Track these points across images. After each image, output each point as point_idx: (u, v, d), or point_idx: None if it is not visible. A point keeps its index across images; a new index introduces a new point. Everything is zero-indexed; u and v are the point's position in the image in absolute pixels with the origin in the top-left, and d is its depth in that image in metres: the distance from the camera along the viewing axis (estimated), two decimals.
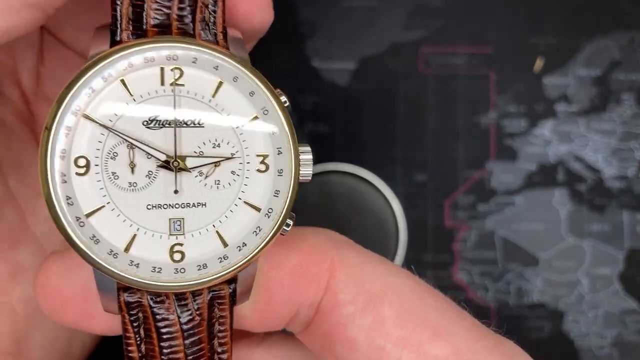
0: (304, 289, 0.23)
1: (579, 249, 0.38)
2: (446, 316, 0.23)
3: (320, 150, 0.38)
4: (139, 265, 0.21)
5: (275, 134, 0.22)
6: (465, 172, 0.38)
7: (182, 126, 0.22)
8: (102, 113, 0.21)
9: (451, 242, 0.38)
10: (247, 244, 0.22)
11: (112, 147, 0.21)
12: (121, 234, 0.21)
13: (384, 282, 0.23)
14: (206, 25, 0.22)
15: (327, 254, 0.23)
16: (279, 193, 0.22)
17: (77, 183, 0.21)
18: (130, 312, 0.22)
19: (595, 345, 0.37)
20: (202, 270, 0.21)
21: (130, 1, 0.21)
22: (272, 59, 0.38)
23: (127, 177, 0.21)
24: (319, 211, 0.35)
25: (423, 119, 0.38)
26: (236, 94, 0.22)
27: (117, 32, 0.21)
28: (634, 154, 0.38)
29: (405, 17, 0.38)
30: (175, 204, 0.22)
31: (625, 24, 0.38)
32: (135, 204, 0.21)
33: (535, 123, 0.38)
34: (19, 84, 0.28)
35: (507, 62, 0.38)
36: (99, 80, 0.21)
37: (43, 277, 0.22)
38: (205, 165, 0.22)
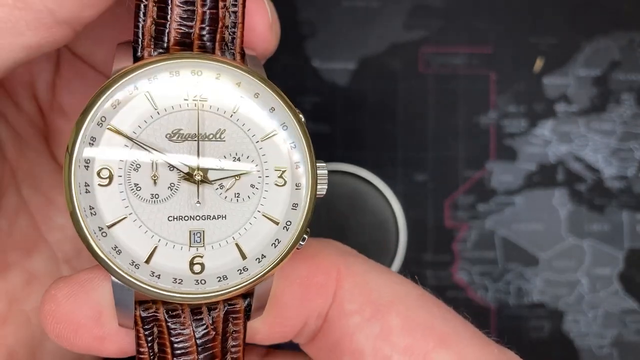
0: (312, 300, 0.23)
1: (578, 249, 0.38)
2: (451, 325, 0.23)
3: (320, 150, 0.38)
4: (160, 277, 0.21)
5: (293, 148, 0.23)
6: (465, 172, 0.38)
7: (204, 140, 0.22)
8: (126, 125, 0.21)
9: (451, 242, 0.38)
10: (265, 256, 0.22)
11: (136, 158, 0.22)
12: (143, 245, 0.21)
13: (390, 291, 0.23)
14: (225, 46, 0.22)
15: (333, 263, 0.24)
16: (297, 206, 0.23)
17: (100, 193, 0.21)
18: (145, 327, 0.22)
19: (595, 345, 0.37)
20: (223, 281, 0.22)
21: (153, 19, 0.22)
22: (272, 59, 0.38)
23: (150, 188, 0.22)
24: (319, 211, 0.35)
25: (423, 119, 0.38)
26: (257, 110, 0.23)
27: (138, 49, 0.22)
28: (634, 154, 0.38)
29: (405, 17, 0.38)
30: (196, 215, 0.22)
31: (625, 24, 0.38)
32: (157, 216, 0.22)
33: (535, 123, 0.38)
34: (35, 96, 0.28)
35: (507, 62, 0.38)
36: (124, 92, 0.21)
37: (51, 304, 0.22)
38: (226, 178, 0.22)
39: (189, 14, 0.22)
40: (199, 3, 0.22)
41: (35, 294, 0.27)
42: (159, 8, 0.22)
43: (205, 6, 0.22)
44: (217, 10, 0.22)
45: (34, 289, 0.27)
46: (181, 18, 0.22)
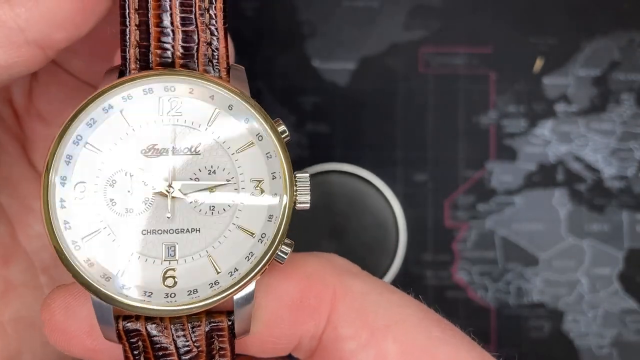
0: (304, 323, 0.23)
1: (578, 249, 0.38)
2: (455, 349, 0.22)
3: (320, 150, 0.38)
4: (131, 289, 0.22)
5: (269, 158, 0.23)
6: (465, 172, 0.38)
7: (179, 154, 0.22)
8: (102, 142, 0.22)
9: (451, 242, 0.38)
10: (238, 270, 0.22)
11: (111, 174, 0.22)
12: (116, 258, 0.22)
13: (389, 315, 0.22)
14: (209, 62, 0.23)
15: (328, 284, 0.23)
16: (273, 218, 0.22)
17: (75, 207, 0.22)
18: (131, 341, 0.22)
19: (594, 345, 0.37)
20: (193, 295, 0.22)
21: (137, 42, 0.22)
22: (272, 59, 0.38)
23: (124, 203, 0.22)
24: (319, 211, 0.35)
25: (423, 119, 0.38)
26: (231, 122, 0.23)
27: (126, 72, 0.23)
28: (634, 154, 0.38)
29: (405, 17, 0.38)
30: (169, 229, 0.22)
31: (625, 24, 0.38)
32: (131, 229, 0.22)
33: (535, 123, 0.38)
34: (10, 101, 0.28)
35: (507, 62, 0.38)
36: (99, 111, 0.22)
37: (47, 313, 0.23)
38: (201, 191, 0.22)
39: (169, 34, 0.22)
40: (178, 23, 0.22)
41: (13, 303, 0.27)
42: (140, 31, 0.22)
43: (185, 26, 0.23)
44: (196, 28, 0.23)
45: (10, 299, 0.27)
46: (160, 40, 0.22)
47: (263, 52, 0.38)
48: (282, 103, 0.38)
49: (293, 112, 0.38)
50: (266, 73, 0.38)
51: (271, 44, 0.38)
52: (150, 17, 0.22)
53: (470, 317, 0.37)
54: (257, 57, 0.38)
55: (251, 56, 0.38)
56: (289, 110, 0.38)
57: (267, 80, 0.38)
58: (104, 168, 0.22)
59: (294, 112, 0.38)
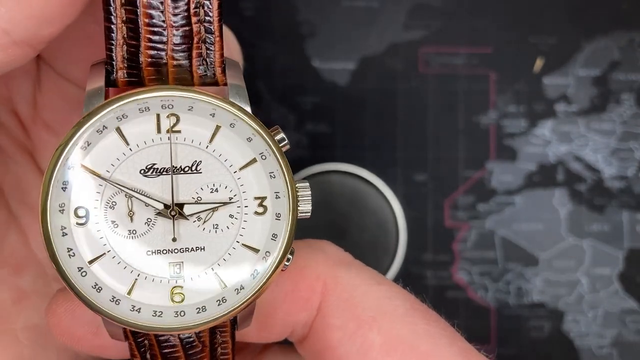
0: (297, 313, 0.23)
1: (578, 249, 0.38)
2: (437, 343, 0.23)
3: (320, 150, 0.38)
4: (140, 310, 0.22)
5: (273, 178, 0.22)
6: (465, 172, 0.38)
7: (180, 173, 0.22)
8: (99, 164, 0.21)
9: (451, 242, 0.38)
10: (244, 287, 0.22)
11: (111, 196, 0.21)
12: (122, 280, 0.22)
13: (376, 306, 0.23)
14: (203, 61, 0.22)
15: (320, 276, 0.24)
16: (277, 237, 0.22)
17: (77, 234, 0.21)
18: (137, 340, 0.22)
19: (595, 345, 0.37)
20: (202, 313, 0.22)
21: (125, 40, 0.21)
22: (272, 59, 0.38)
23: (127, 225, 0.22)
24: (319, 211, 0.35)
25: (423, 119, 0.38)
26: (233, 139, 0.22)
27: (112, 70, 0.21)
28: (634, 154, 0.38)
29: (405, 17, 0.38)
30: (174, 249, 0.22)
31: (625, 24, 0.38)
32: (135, 251, 0.22)
33: (535, 123, 0.38)
34: (15, 111, 0.28)
35: (507, 62, 0.38)
36: (94, 133, 0.21)
37: (54, 318, 0.23)
38: (203, 211, 0.22)
39: (161, 32, 0.21)
40: (170, 21, 0.21)
41: (26, 311, 0.27)
42: (128, 29, 0.21)
43: (177, 23, 0.21)
44: (191, 26, 0.21)
45: (23, 307, 0.27)
46: (151, 39, 0.21)
47: (263, 52, 0.38)
48: (282, 103, 0.38)
49: (293, 112, 0.38)
50: (266, 73, 0.38)
51: (271, 44, 0.38)
52: (139, 13, 0.21)
53: (470, 317, 0.37)
54: (257, 57, 0.38)
55: (251, 56, 0.38)
56: (289, 110, 0.38)
57: (267, 80, 0.38)
58: (103, 191, 0.21)
59: (294, 112, 0.38)
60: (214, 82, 0.22)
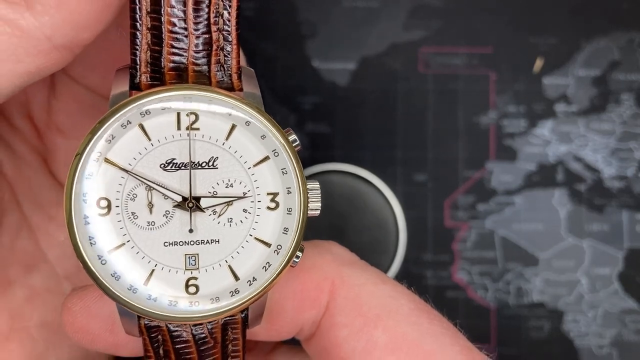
0: (305, 312, 0.24)
1: (578, 249, 0.38)
2: (440, 341, 0.23)
3: (320, 150, 0.38)
4: (157, 300, 0.23)
5: (285, 174, 0.23)
6: (465, 172, 0.38)
7: (197, 168, 0.23)
8: (122, 157, 0.22)
9: (451, 242, 0.38)
10: (257, 279, 0.23)
11: (132, 189, 0.23)
12: (140, 270, 0.23)
13: (381, 305, 0.24)
14: (221, 67, 0.23)
15: (327, 276, 0.24)
16: (288, 231, 0.23)
17: (99, 223, 0.22)
18: (151, 335, 0.23)
19: (594, 345, 0.37)
20: (215, 303, 0.23)
21: (149, 46, 0.22)
22: (272, 59, 0.38)
23: (146, 216, 0.23)
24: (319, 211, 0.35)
25: (423, 119, 0.38)
26: (248, 137, 0.23)
27: (136, 74, 0.23)
28: (634, 154, 0.38)
29: (405, 17, 0.38)
30: (190, 240, 0.23)
31: (625, 24, 0.38)
32: (153, 242, 0.23)
33: (535, 123, 0.38)
34: (30, 116, 0.29)
35: (507, 62, 0.38)
36: (118, 127, 0.22)
37: (69, 316, 0.24)
38: (219, 205, 0.23)
39: (182, 39, 0.23)
40: (191, 29, 0.23)
41: (38, 310, 0.28)
42: (152, 35, 0.22)
43: (198, 31, 0.23)
44: (210, 34, 0.23)
45: (36, 305, 0.28)
46: (174, 45, 0.22)
47: (263, 52, 0.38)
48: (282, 103, 0.38)
49: (293, 112, 0.38)
50: (266, 73, 0.38)
51: (271, 44, 0.38)
52: (163, 21, 0.22)
53: (470, 317, 0.38)
54: (257, 57, 0.38)
55: (251, 56, 0.38)
56: (289, 110, 0.38)
57: (267, 80, 0.38)
58: (125, 183, 0.22)
59: (294, 112, 0.38)
60: (230, 87, 0.23)
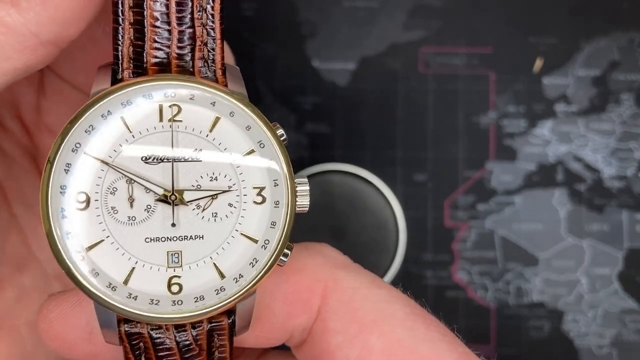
0: (296, 316, 0.23)
1: (578, 249, 0.38)
2: (437, 347, 0.23)
3: (320, 150, 0.38)
4: (137, 298, 0.21)
5: (271, 166, 0.23)
6: (465, 172, 0.38)
7: (180, 161, 0.22)
8: (102, 149, 0.22)
9: (451, 242, 0.38)
10: (243, 276, 0.22)
11: (112, 182, 0.22)
12: (120, 267, 0.22)
13: (376, 310, 0.23)
14: (205, 63, 0.22)
15: (320, 278, 0.23)
16: (275, 225, 0.22)
17: (77, 218, 0.21)
18: (132, 343, 0.22)
19: (594, 345, 0.37)
20: (200, 302, 0.22)
21: (131, 41, 0.22)
22: (272, 59, 0.38)
23: (126, 211, 0.22)
24: (319, 211, 0.35)
25: (423, 119, 0.38)
26: (233, 129, 0.22)
27: (118, 70, 0.22)
28: (633, 154, 0.38)
29: (405, 17, 0.38)
30: (173, 236, 0.22)
31: (625, 24, 0.38)
32: (134, 238, 0.22)
33: (535, 123, 0.38)
34: (19, 116, 0.28)
35: (507, 62, 0.38)
36: (98, 118, 0.22)
37: (44, 324, 0.23)
38: (203, 198, 0.22)
39: (165, 34, 0.22)
40: (174, 23, 0.22)
41: (27, 309, 0.27)
42: (135, 30, 0.22)
43: (182, 25, 0.22)
44: (194, 29, 0.22)
45: (25, 305, 0.27)
46: (157, 39, 0.22)
47: (263, 52, 0.38)
48: (282, 103, 0.38)
49: (293, 112, 0.38)
50: (266, 73, 0.38)
51: (271, 44, 0.38)
52: (146, 15, 0.22)
53: (470, 317, 0.38)
54: (257, 57, 0.38)
55: (251, 56, 0.38)
56: (289, 110, 0.38)
57: (267, 80, 0.38)
58: (104, 176, 0.22)
59: (294, 112, 0.38)
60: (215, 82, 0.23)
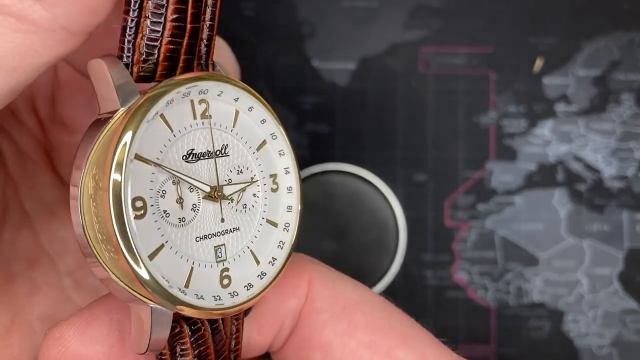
0: (287, 301, 0.25)
1: (578, 249, 0.38)
2: (413, 328, 0.25)
3: (320, 150, 0.38)
4: (204, 297, 0.22)
5: (282, 155, 0.24)
6: (465, 172, 0.38)
7: (214, 157, 0.23)
8: (149, 151, 0.21)
9: (451, 242, 0.38)
10: (277, 258, 0.24)
11: (161, 184, 0.21)
12: (181, 269, 0.22)
13: (356, 295, 0.25)
14: (200, 58, 0.23)
15: (304, 268, 0.25)
16: (292, 208, 0.24)
17: (136, 226, 0.20)
18: (170, 347, 0.22)
19: (594, 345, 0.37)
20: (250, 289, 0.23)
21: (144, 35, 0.21)
22: (272, 59, 0.38)
23: (177, 213, 0.22)
24: (319, 211, 0.35)
25: (423, 119, 0.38)
26: (251, 122, 0.24)
27: (129, 64, 0.21)
28: (634, 154, 0.38)
29: (405, 17, 0.38)
30: (217, 232, 0.23)
31: (625, 24, 0.38)
32: (187, 239, 0.22)
33: (535, 123, 0.38)
34: (34, 109, 0.28)
35: (507, 62, 0.38)
36: (144, 122, 0.21)
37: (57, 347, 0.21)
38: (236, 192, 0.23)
39: (180, 29, 0.22)
40: (189, 19, 0.22)
41: (40, 303, 0.27)
42: (152, 23, 0.21)
43: (194, 22, 0.22)
44: (199, 24, 0.22)
45: (37, 299, 0.27)
46: (173, 34, 0.22)
47: (263, 52, 0.38)
48: (282, 103, 0.38)
49: (293, 112, 0.38)
50: (266, 73, 0.38)
51: (271, 44, 0.38)
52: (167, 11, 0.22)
53: (470, 317, 0.38)
54: (257, 57, 0.38)
55: (251, 56, 0.38)
56: (289, 110, 0.38)
57: (267, 80, 0.38)
58: (155, 179, 0.21)
59: (294, 112, 0.38)
60: None
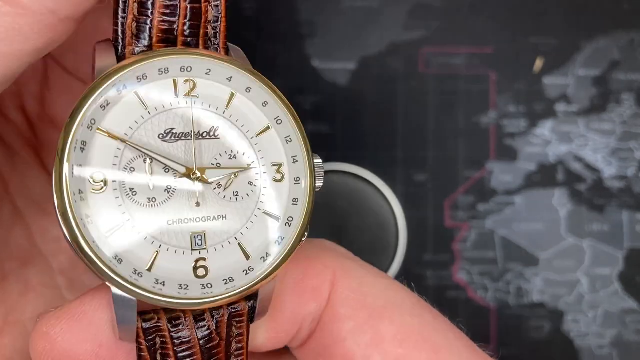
0: (307, 304, 0.23)
1: (578, 249, 0.38)
2: (445, 336, 0.23)
3: (320, 150, 0.38)
4: (165, 284, 0.20)
5: (289, 142, 0.22)
6: (465, 172, 0.38)
7: (198, 138, 0.21)
8: (117, 126, 0.20)
9: (451, 242, 0.38)
10: (270, 254, 0.22)
11: (129, 161, 0.20)
12: (143, 251, 0.20)
13: (384, 297, 0.23)
14: (209, 41, 0.22)
15: (328, 266, 0.23)
16: (297, 201, 0.22)
17: (94, 200, 0.20)
18: (148, 339, 0.21)
19: (595, 345, 0.37)
20: (229, 283, 0.21)
21: (134, 16, 0.21)
22: (272, 59, 0.38)
23: (146, 192, 0.20)
24: (319, 211, 0.35)
25: (423, 119, 0.38)
26: (249, 105, 0.22)
27: (119, 47, 0.21)
28: (634, 154, 0.38)
29: (405, 17, 0.38)
30: (195, 217, 0.21)
31: (625, 24, 0.38)
32: (156, 220, 0.21)
33: (535, 123, 0.38)
34: (22, 108, 0.28)
35: (507, 62, 0.38)
36: (113, 92, 0.20)
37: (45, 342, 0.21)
38: (223, 177, 0.21)
39: (172, 9, 0.21)
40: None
41: (32, 304, 0.27)
42: (139, 4, 0.21)
43: (192, 2, 0.21)
44: (200, 5, 0.21)
45: (30, 298, 0.27)
46: (164, 13, 0.21)
47: (263, 52, 0.38)
48: None
49: None
50: (266, 73, 0.38)
51: (271, 44, 0.38)
52: None
53: (470, 317, 0.37)
54: (257, 57, 0.38)
55: (251, 56, 0.38)
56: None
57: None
58: (121, 155, 0.20)
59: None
60: None
